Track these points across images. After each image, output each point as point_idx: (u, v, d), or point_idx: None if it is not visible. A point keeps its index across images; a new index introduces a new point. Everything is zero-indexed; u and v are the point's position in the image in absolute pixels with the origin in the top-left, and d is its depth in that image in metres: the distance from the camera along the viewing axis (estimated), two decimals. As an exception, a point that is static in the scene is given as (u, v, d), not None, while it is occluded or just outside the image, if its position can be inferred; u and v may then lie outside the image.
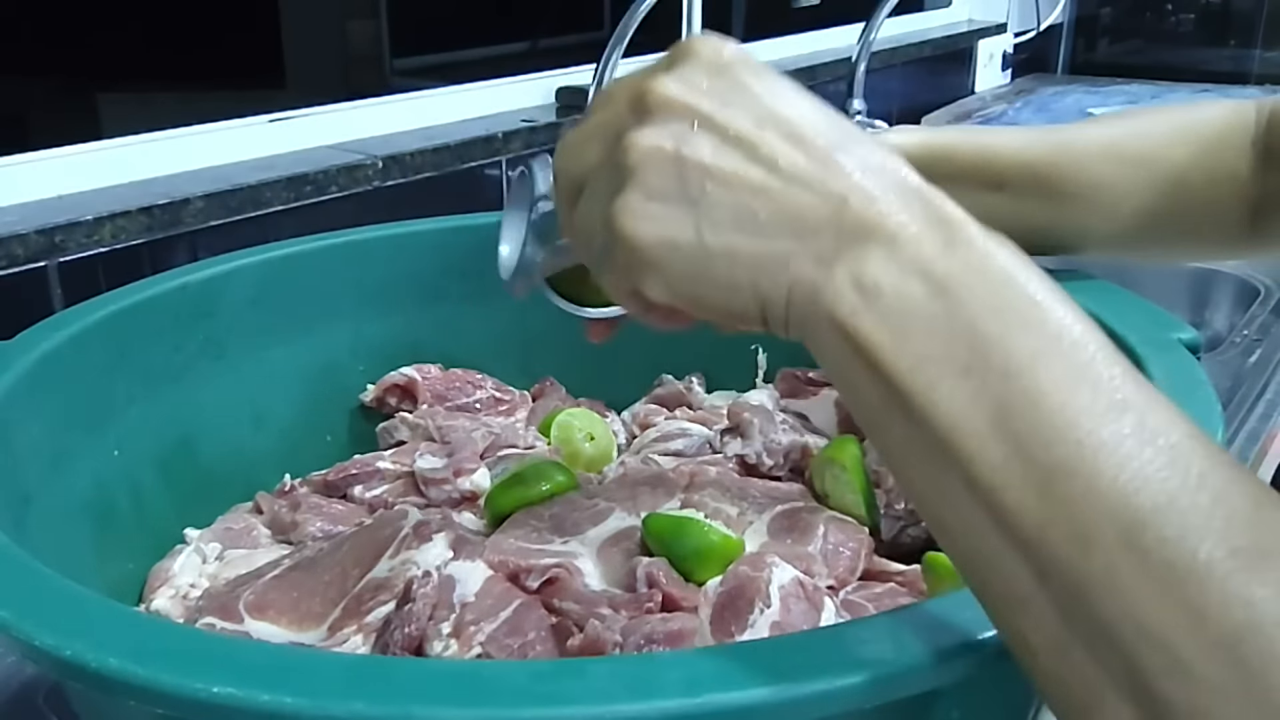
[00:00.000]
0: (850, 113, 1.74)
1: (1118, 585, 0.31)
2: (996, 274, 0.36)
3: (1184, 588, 0.30)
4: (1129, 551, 0.31)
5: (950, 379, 0.34)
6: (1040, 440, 0.33)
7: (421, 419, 0.81)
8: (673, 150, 0.38)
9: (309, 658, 0.40)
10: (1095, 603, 0.31)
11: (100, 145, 1.01)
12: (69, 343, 0.64)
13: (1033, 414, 0.33)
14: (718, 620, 0.56)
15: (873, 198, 0.37)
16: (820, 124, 0.38)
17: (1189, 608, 0.30)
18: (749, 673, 0.34)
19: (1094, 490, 0.32)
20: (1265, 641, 0.30)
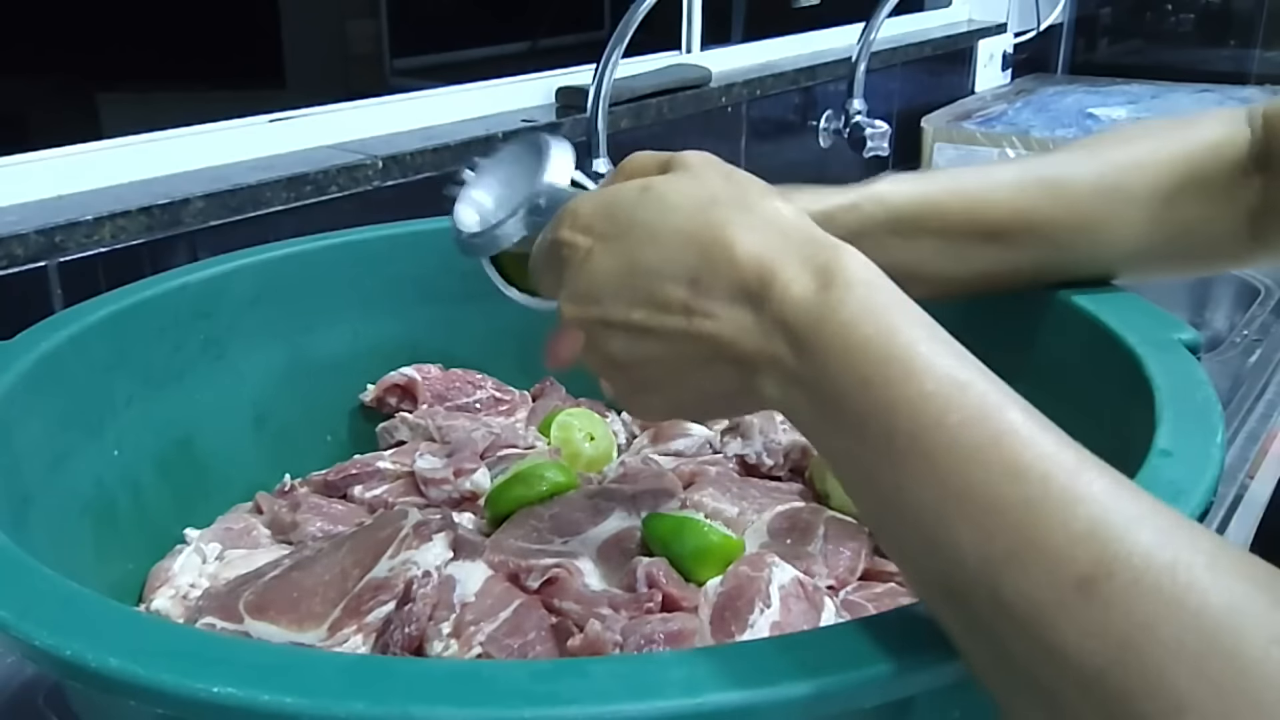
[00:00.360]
0: (850, 113, 1.74)
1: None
2: (855, 351, 0.39)
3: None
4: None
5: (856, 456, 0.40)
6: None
7: (421, 419, 0.81)
8: (610, 363, 0.48)
9: (309, 658, 0.40)
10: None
11: (100, 145, 1.01)
12: (69, 343, 0.64)
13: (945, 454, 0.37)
14: (718, 620, 0.56)
15: (737, 326, 0.42)
16: (668, 269, 0.44)
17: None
18: (749, 673, 0.34)
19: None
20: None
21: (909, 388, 0.38)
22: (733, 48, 1.75)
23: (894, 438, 0.37)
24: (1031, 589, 0.33)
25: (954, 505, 0.36)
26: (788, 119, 1.75)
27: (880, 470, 0.38)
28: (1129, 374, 0.57)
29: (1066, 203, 0.63)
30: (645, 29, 1.24)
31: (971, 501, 0.35)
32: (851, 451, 0.39)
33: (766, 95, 1.65)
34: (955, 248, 0.61)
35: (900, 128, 1.95)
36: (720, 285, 0.42)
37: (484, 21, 1.76)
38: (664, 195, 0.46)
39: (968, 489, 0.36)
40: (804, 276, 0.41)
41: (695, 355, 0.44)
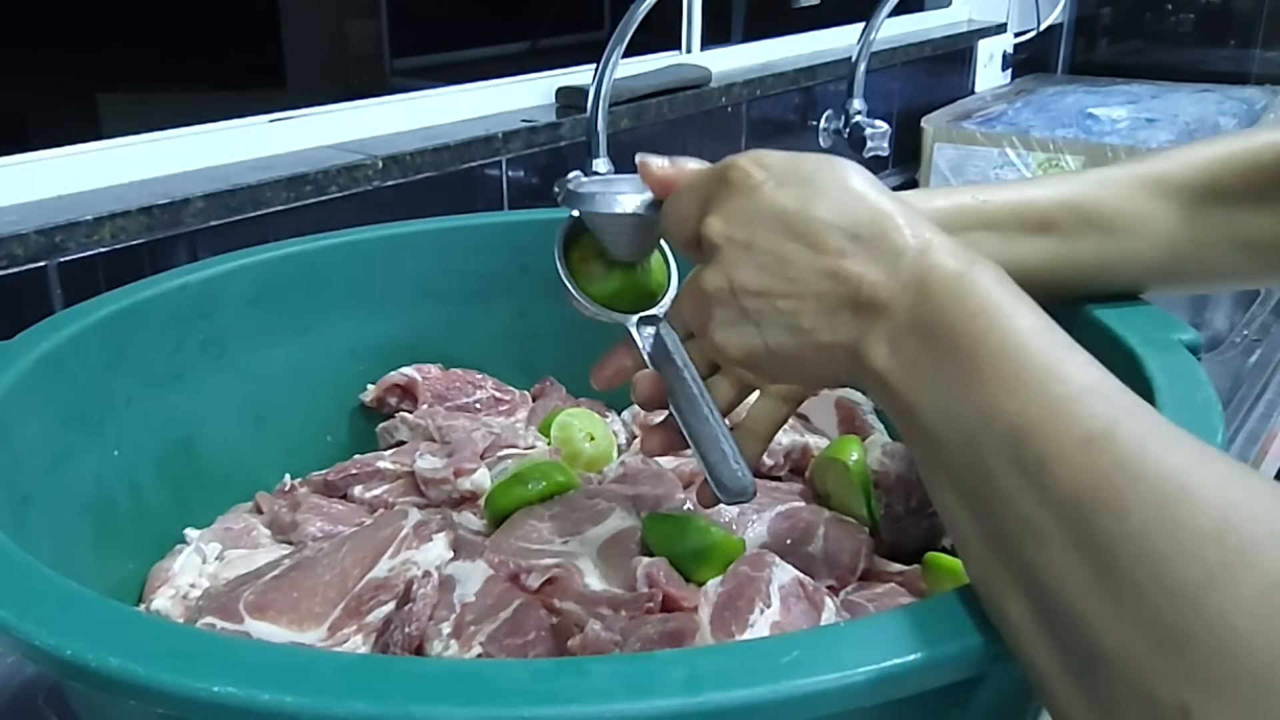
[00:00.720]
0: (850, 113, 1.74)
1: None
2: (962, 317, 0.43)
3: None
4: (1163, 521, 0.35)
5: (949, 393, 0.42)
6: (1049, 416, 0.39)
7: (421, 419, 0.81)
8: (727, 285, 0.50)
9: (309, 657, 0.40)
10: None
11: (100, 145, 1.01)
12: (69, 343, 0.64)
13: (1038, 404, 0.39)
14: (718, 620, 0.56)
15: (875, 282, 0.46)
16: (833, 228, 0.48)
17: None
18: (750, 671, 0.34)
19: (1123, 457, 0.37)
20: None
21: (1011, 322, 0.42)
22: (733, 48, 1.75)
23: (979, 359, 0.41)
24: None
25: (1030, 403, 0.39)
26: (788, 119, 1.75)
27: (970, 388, 0.41)
28: (1129, 374, 0.57)
29: (1115, 188, 0.62)
30: (645, 29, 1.24)
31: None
32: (941, 378, 0.43)
33: (766, 95, 1.65)
34: (1010, 241, 0.61)
35: (900, 128, 1.95)
36: (882, 244, 0.47)
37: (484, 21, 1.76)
38: (848, 168, 0.50)
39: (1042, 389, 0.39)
40: (954, 259, 0.45)
41: (827, 297, 0.47)
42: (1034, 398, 0.39)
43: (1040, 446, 0.38)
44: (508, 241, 0.87)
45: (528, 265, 0.87)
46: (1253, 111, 2.05)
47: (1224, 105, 2.11)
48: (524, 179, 1.28)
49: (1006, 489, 0.39)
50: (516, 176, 1.27)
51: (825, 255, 0.47)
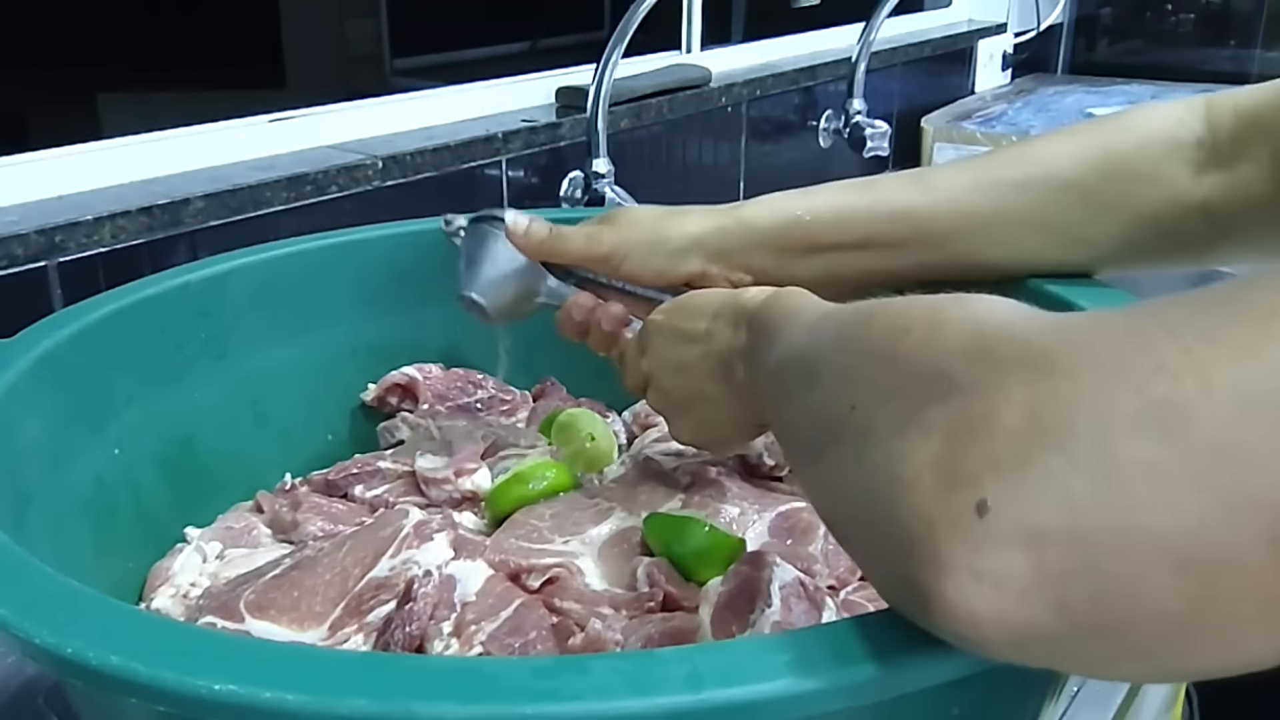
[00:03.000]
0: (850, 113, 1.74)
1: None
2: (781, 313, 0.53)
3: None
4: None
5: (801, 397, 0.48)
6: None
7: (422, 419, 0.81)
8: (661, 395, 0.66)
9: (311, 655, 0.40)
10: None
11: (100, 145, 1.01)
12: (69, 341, 0.64)
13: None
14: (719, 620, 0.56)
15: (727, 339, 0.59)
16: (698, 317, 0.61)
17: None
18: (751, 669, 0.34)
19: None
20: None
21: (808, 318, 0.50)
22: (733, 48, 1.75)
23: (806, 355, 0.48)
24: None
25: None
26: (788, 119, 1.75)
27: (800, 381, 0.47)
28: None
29: (942, 199, 0.64)
30: (645, 29, 1.24)
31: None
32: (762, 379, 0.53)
33: (766, 95, 1.65)
34: (831, 259, 0.67)
35: (900, 128, 1.95)
36: (727, 313, 0.59)
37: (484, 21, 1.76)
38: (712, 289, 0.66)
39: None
40: (765, 293, 0.56)
41: (706, 371, 0.60)
42: (792, 334, 0.50)
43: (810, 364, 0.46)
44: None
45: (528, 265, 0.87)
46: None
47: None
48: (524, 179, 1.28)
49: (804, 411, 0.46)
50: (516, 176, 1.27)
51: (699, 343, 0.61)
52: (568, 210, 1.23)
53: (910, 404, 0.35)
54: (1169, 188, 0.63)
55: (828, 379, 0.43)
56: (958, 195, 0.64)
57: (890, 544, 0.34)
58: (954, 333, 0.36)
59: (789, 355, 0.49)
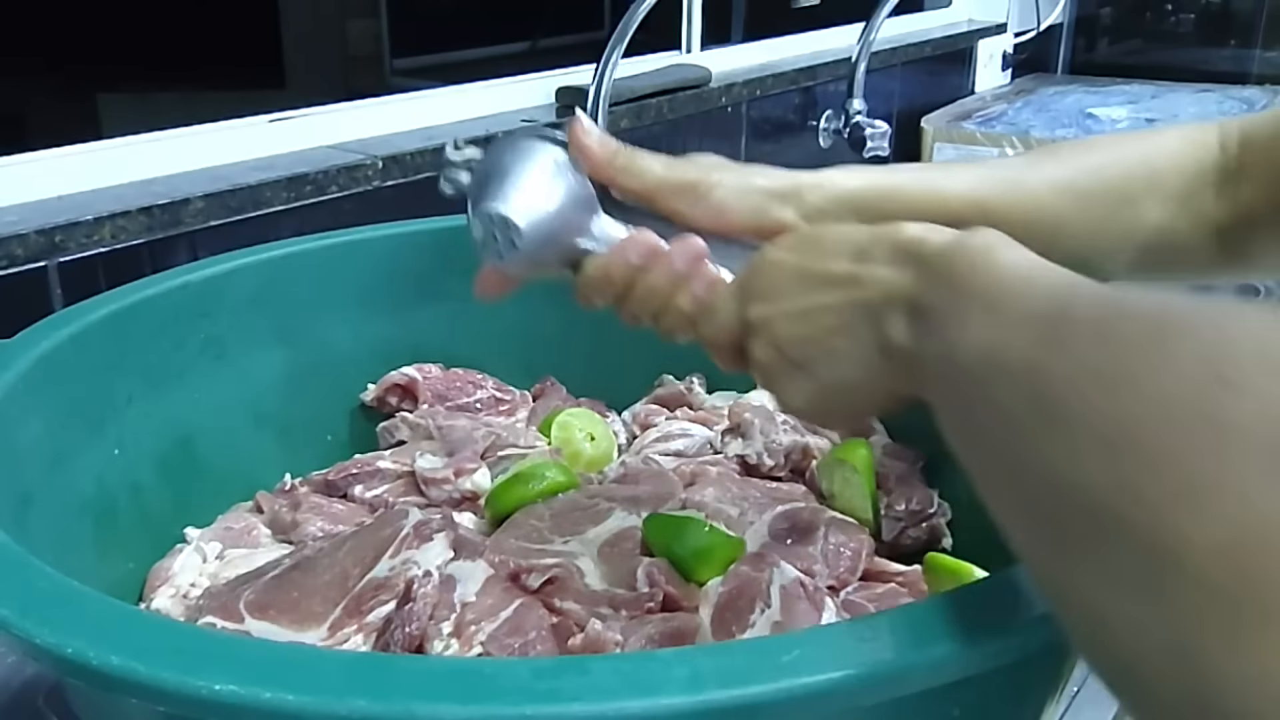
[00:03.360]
0: (850, 113, 1.74)
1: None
2: (989, 277, 0.43)
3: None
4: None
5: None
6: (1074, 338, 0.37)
7: (422, 419, 0.81)
8: (774, 348, 0.53)
9: (311, 655, 0.40)
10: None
11: (100, 145, 1.01)
12: (70, 341, 0.64)
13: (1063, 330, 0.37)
14: (719, 620, 0.56)
15: (890, 280, 0.48)
16: (840, 256, 0.50)
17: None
18: (751, 670, 0.34)
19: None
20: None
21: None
22: (733, 48, 1.75)
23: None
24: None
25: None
26: (788, 119, 1.75)
27: (962, 330, 0.42)
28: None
29: (1023, 198, 0.63)
30: (645, 29, 1.24)
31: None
32: (941, 333, 0.44)
33: (766, 95, 1.65)
34: None
35: (900, 128, 1.95)
36: (882, 251, 0.49)
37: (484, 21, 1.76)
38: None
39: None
40: (948, 235, 0.47)
41: (845, 323, 0.49)
42: (1003, 304, 0.41)
43: (1008, 337, 0.39)
44: (508, 241, 0.87)
45: (528, 265, 0.87)
46: (1253, 112, 2.05)
47: (1224, 105, 2.11)
48: (524, 179, 1.28)
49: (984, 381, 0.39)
50: (516, 176, 1.27)
51: (838, 286, 0.50)
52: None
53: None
54: (1198, 208, 0.64)
55: (1086, 433, 0.32)
56: (1040, 197, 0.63)
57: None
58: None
59: (1003, 346, 0.39)
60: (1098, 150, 0.66)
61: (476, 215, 0.57)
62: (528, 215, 0.55)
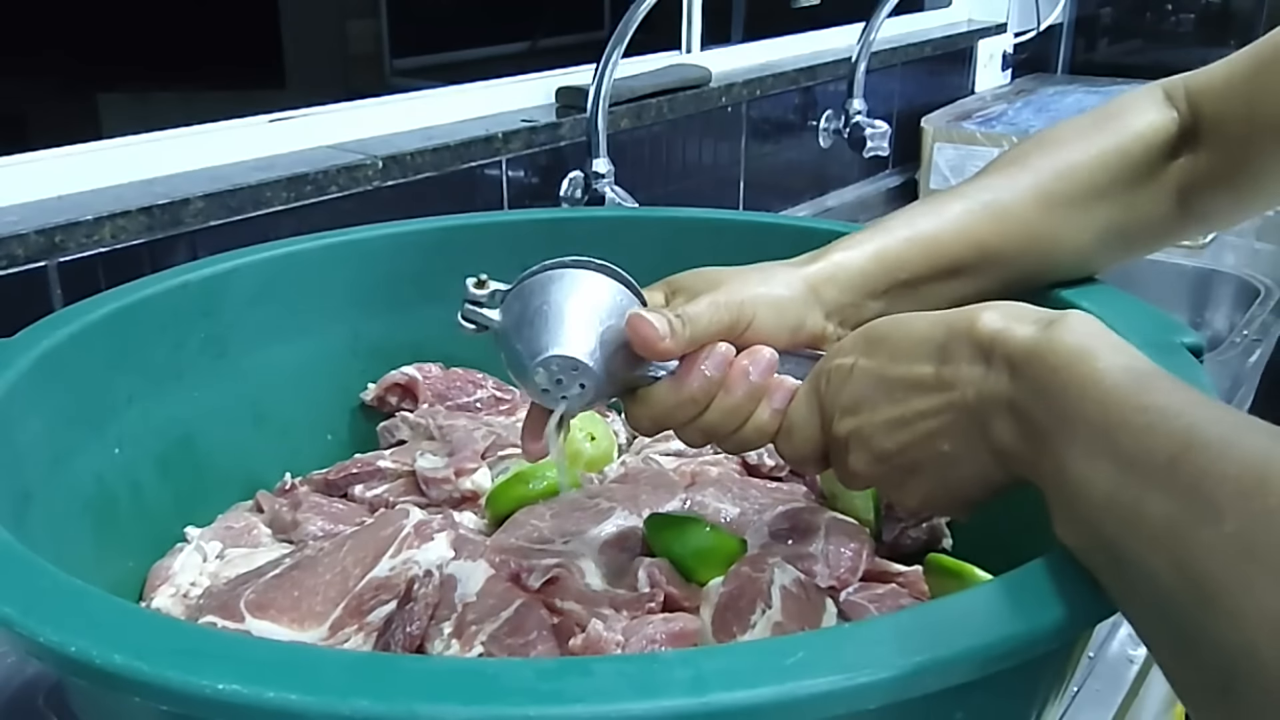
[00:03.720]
0: (850, 113, 1.74)
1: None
2: (1084, 360, 0.43)
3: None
4: (1258, 510, 0.34)
5: (1092, 410, 0.42)
6: (1166, 430, 0.38)
7: (422, 418, 0.81)
8: (875, 459, 0.52)
9: (314, 655, 0.40)
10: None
11: (100, 145, 1.01)
12: (70, 341, 0.64)
13: (1155, 415, 0.39)
14: (719, 620, 0.56)
15: (976, 380, 0.47)
16: (920, 359, 0.49)
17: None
18: (755, 672, 0.34)
19: (1220, 457, 0.36)
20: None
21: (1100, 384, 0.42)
22: (733, 48, 1.75)
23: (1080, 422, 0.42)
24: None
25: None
26: (788, 119, 1.75)
27: (1066, 447, 0.42)
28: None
29: (1012, 224, 0.65)
30: (645, 29, 1.24)
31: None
32: (1041, 443, 0.44)
33: (766, 95, 1.65)
34: (922, 292, 0.64)
35: (900, 128, 1.95)
36: (964, 349, 0.48)
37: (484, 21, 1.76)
38: (907, 314, 0.53)
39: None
40: (1030, 327, 0.46)
41: (946, 426, 0.49)
42: (1118, 437, 0.40)
43: (1135, 486, 0.38)
44: (508, 241, 0.87)
45: (528, 265, 0.87)
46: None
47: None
48: (524, 179, 1.28)
49: (1120, 538, 0.39)
50: (516, 176, 1.27)
51: (924, 394, 0.49)
52: (568, 210, 1.23)
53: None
54: (1163, 179, 0.66)
55: (1255, 616, 0.33)
56: (1029, 218, 0.65)
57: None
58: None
59: (1133, 499, 0.38)
60: (1066, 147, 0.67)
61: (536, 364, 0.53)
62: (594, 355, 0.52)
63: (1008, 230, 0.65)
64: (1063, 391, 0.43)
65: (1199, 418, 0.38)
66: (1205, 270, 1.54)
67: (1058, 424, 0.42)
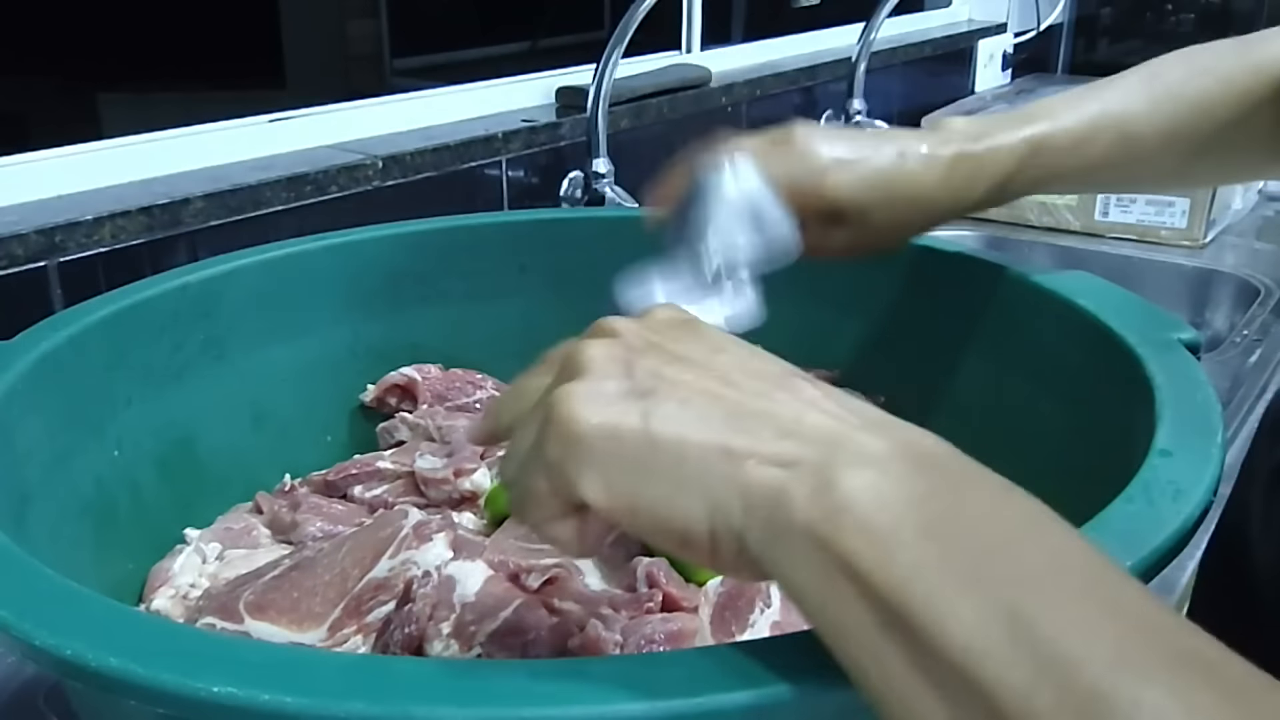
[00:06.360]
0: (850, 113, 1.74)
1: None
2: (986, 494, 0.33)
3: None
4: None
5: (953, 590, 0.30)
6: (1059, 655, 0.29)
7: (421, 419, 0.81)
8: (622, 355, 0.37)
9: (309, 657, 0.40)
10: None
11: (100, 145, 1.01)
12: (69, 342, 0.64)
13: (1049, 624, 0.29)
14: (718, 620, 0.56)
15: (840, 415, 0.35)
16: (774, 362, 0.38)
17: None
18: (751, 672, 0.34)
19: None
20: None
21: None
22: (733, 48, 1.75)
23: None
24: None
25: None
26: (788, 119, 1.75)
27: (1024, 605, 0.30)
28: (1129, 374, 0.57)
29: (1137, 149, 0.66)
30: (645, 29, 1.24)
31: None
32: (962, 570, 0.31)
33: (766, 95, 1.65)
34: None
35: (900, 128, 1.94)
36: (822, 386, 0.37)
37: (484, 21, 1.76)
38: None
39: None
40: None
41: (752, 415, 0.35)
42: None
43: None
44: (508, 241, 0.87)
45: (527, 265, 0.87)
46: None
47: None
48: (524, 179, 1.28)
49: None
50: (516, 176, 1.27)
51: (761, 376, 0.38)
52: (568, 210, 1.24)
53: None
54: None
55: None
56: (1178, 123, 0.66)
57: None
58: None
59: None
60: (1208, 86, 0.68)
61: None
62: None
63: (1132, 152, 0.66)
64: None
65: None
66: (1205, 270, 1.54)
67: (894, 595, 0.31)
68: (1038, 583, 0.30)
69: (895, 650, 0.31)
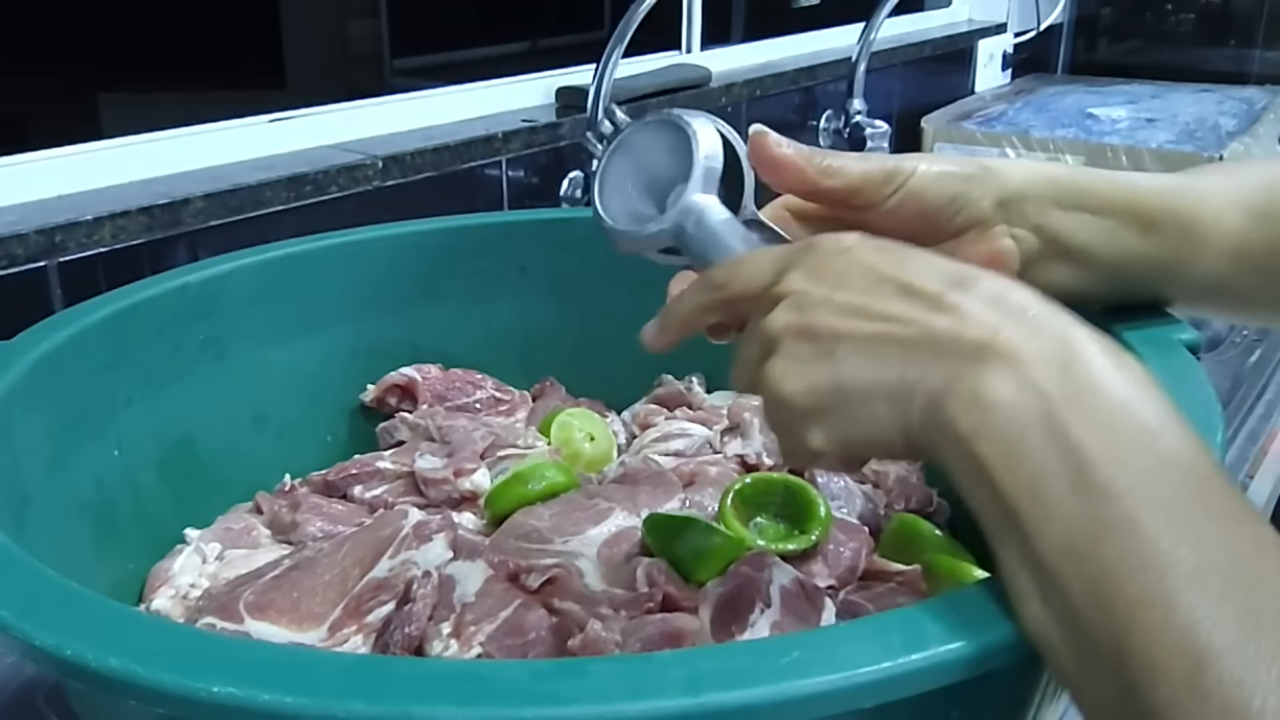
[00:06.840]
0: (850, 113, 1.74)
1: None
2: (1112, 396, 0.39)
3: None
4: (1191, 690, 0.33)
5: (1056, 496, 0.37)
6: (1128, 565, 0.35)
7: (421, 419, 0.81)
8: (800, 324, 0.44)
9: (309, 657, 0.40)
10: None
11: (100, 145, 1.01)
12: (69, 343, 0.64)
13: (1126, 538, 0.35)
14: (718, 620, 0.56)
15: (987, 323, 0.41)
16: (933, 274, 0.43)
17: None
18: (750, 672, 0.34)
19: (1168, 624, 0.34)
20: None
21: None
22: (733, 48, 1.75)
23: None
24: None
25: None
26: (788, 119, 1.75)
27: (1110, 518, 0.36)
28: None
29: (1208, 211, 0.58)
30: (645, 29, 1.24)
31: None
32: (1066, 478, 0.38)
33: (766, 95, 1.65)
34: (1109, 227, 0.57)
35: (900, 128, 1.95)
36: (978, 291, 0.42)
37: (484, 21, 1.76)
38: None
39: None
40: (1095, 335, 0.41)
41: (906, 340, 0.42)
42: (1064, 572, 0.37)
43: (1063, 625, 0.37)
44: (508, 241, 0.87)
45: (528, 265, 0.88)
46: (1253, 111, 2.05)
47: (1224, 105, 2.11)
48: (524, 179, 1.28)
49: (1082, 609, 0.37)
50: (516, 176, 1.27)
51: (917, 301, 0.42)
52: (568, 210, 1.24)
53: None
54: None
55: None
56: (1222, 214, 0.58)
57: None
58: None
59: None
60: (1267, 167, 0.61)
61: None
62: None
63: (1202, 210, 0.58)
64: (1053, 470, 0.38)
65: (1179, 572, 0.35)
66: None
67: (1015, 498, 0.38)
68: (1123, 495, 0.36)
69: (1011, 544, 0.38)
